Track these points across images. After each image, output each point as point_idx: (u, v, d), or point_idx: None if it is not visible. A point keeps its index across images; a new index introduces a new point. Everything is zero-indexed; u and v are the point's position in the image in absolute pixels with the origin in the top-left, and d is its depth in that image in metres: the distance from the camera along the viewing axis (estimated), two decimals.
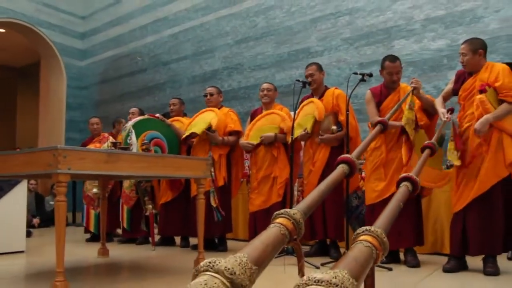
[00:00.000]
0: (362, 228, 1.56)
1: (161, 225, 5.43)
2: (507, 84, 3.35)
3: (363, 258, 1.41)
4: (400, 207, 1.87)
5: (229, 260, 1.31)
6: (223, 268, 1.27)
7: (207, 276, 1.26)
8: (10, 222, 4.82)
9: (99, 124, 6.20)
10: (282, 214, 1.65)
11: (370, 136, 2.65)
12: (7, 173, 3.11)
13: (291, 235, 1.62)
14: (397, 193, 2.01)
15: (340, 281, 1.18)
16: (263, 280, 3.05)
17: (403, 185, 2.08)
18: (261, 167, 4.70)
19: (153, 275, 3.51)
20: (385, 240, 1.53)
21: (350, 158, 2.21)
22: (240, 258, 1.34)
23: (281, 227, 1.59)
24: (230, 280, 1.25)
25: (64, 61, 10.30)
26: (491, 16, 5.18)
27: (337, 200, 4.25)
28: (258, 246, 1.46)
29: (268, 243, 1.50)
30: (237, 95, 7.52)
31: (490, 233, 3.31)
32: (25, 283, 3.26)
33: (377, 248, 1.48)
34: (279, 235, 1.56)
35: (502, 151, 3.32)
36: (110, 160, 2.99)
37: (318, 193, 1.91)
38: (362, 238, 1.51)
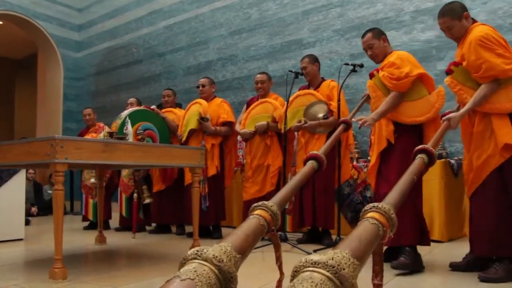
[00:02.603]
0: (370, 205, 1.53)
1: (155, 213, 5.44)
2: (473, 62, 2.71)
3: (368, 237, 1.39)
4: (414, 180, 1.84)
5: (216, 249, 1.32)
6: (211, 256, 1.28)
7: (195, 264, 1.27)
8: (9, 210, 4.82)
9: (91, 114, 6.18)
10: (260, 206, 1.67)
11: (335, 135, 2.72)
12: (6, 163, 3.10)
13: (269, 226, 1.63)
14: (411, 166, 1.93)
15: (337, 262, 1.18)
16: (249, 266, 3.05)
17: (419, 157, 2.00)
18: (255, 156, 4.72)
19: (149, 262, 3.51)
20: (393, 216, 1.50)
21: (318, 155, 2.24)
22: (225, 247, 1.36)
23: (260, 218, 1.61)
24: (218, 268, 1.27)
25: (61, 52, 10.25)
26: (478, 7, 5.17)
27: (327, 189, 4.26)
28: (240, 236, 1.48)
29: (249, 233, 1.52)
30: (231, 85, 7.51)
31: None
32: (24, 270, 3.26)
33: (384, 225, 1.46)
34: (258, 225, 1.58)
35: (492, 138, 2.71)
36: (107, 149, 2.98)
37: (291, 187, 1.94)
38: (369, 215, 1.49)
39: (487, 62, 2.64)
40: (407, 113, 3.14)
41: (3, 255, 3.93)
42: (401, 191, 1.72)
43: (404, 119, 3.13)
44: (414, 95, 3.15)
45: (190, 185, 4.00)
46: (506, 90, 2.69)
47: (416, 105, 3.13)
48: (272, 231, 1.66)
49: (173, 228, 5.58)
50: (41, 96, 10.93)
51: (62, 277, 2.82)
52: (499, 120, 2.70)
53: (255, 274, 2.95)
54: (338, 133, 2.77)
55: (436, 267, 3.13)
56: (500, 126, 2.68)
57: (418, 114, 3.12)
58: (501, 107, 2.69)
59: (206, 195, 4.73)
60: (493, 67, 2.63)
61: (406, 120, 3.13)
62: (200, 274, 1.23)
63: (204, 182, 4.71)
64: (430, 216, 4.47)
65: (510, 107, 2.68)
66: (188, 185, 4.77)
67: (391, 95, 3.12)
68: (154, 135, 4.84)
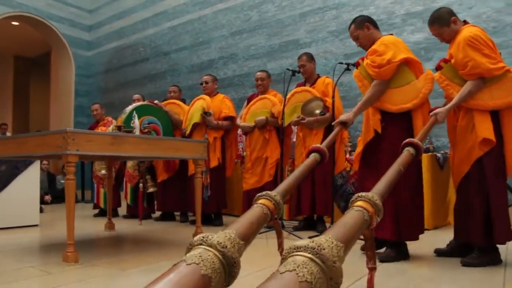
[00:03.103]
0: (356, 195, 1.56)
1: (159, 201, 5.46)
2: (460, 60, 2.70)
3: (351, 222, 1.41)
4: (401, 171, 1.86)
5: (220, 236, 1.32)
6: (216, 242, 1.29)
7: (201, 249, 1.28)
8: (25, 198, 4.83)
9: (98, 109, 6.17)
10: (264, 195, 1.68)
11: (334, 133, 2.74)
12: (21, 154, 3.10)
13: (272, 215, 1.64)
14: (399, 158, 1.98)
15: (317, 244, 1.19)
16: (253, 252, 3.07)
17: (406, 150, 2.05)
18: (255, 148, 4.73)
19: (155, 247, 3.53)
20: (377, 202, 1.52)
21: (321, 148, 2.25)
22: (229, 233, 1.36)
23: (264, 207, 1.62)
24: (222, 253, 1.27)
25: (73, 51, 10.24)
26: (464, 12, 5.17)
27: (327, 180, 4.27)
28: (244, 224, 1.48)
29: (252, 221, 1.52)
30: (232, 82, 7.51)
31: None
32: (40, 253, 3.27)
33: (369, 210, 1.48)
34: (262, 214, 1.59)
35: (474, 132, 2.70)
36: (115, 142, 2.99)
37: (294, 178, 1.95)
38: (354, 204, 1.52)
39: (473, 61, 2.64)
40: (393, 100, 2.88)
41: (20, 239, 3.94)
42: (389, 181, 1.74)
43: (390, 107, 2.88)
44: (400, 81, 2.89)
45: (193, 176, 4.01)
46: (490, 89, 2.69)
47: (403, 92, 2.87)
48: (275, 219, 1.67)
49: (177, 216, 5.59)
50: (54, 92, 10.92)
51: (74, 260, 2.84)
52: (480, 116, 2.69)
53: (257, 258, 2.96)
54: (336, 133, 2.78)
55: (422, 252, 3.14)
56: (480, 122, 2.68)
57: (404, 101, 2.85)
58: (484, 104, 2.68)
59: (208, 185, 4.74)
60: (478, 65, 2.63)
61: (392, 108, 2.87)
62: (205, 259, 1.23)
63: (207, 173, 4.72)
64: None
65: (492, 104, 2.67)
66: (191, 175, 4.78)
67: (373, 84, 2.90)
68: (157, 128, 4.84)
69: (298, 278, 1.08)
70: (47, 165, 9.18)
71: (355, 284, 2.23)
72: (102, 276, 2.49)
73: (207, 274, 1.20)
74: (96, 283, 2.32)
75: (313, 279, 1.10)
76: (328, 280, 1.15)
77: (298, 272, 1.10)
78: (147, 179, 5.41)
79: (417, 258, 2.93)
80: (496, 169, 2.68)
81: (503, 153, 2.71)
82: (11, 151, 3.19)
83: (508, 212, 2.71)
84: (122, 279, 2.43)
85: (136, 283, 2.29)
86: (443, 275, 2.46)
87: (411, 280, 2.32)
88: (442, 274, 2.47)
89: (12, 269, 2.69)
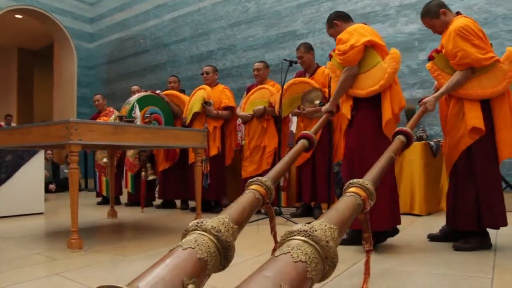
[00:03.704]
0: (347, 183, 1.58)
1: (161, 189, 5.47)
2: (450, 51, 2.66)
3: (344, 206, 1.43)
4: (393, 158, 1.87)
5: (214, 220, 1.33)
6: (210, 227, 1.30)
7: (196, 234, 1.28)
8: (30, 187, 4.83)
9: (100, 100, 6.15)
10: (255, 181, 1.68)
11: (321, 121, 2.75)
12: (26, 144, 3.09)
13: (264, 199, 1.65)
14: (391, 145, 1.99)
15: (310, 227, 1.21)
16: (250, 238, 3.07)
17: (397, 138, 2.06)
18: (253, 137, 4.72)
19: (156, 233, 3.54)
20: (368, 186, 1.53)
21: (309, 134, 2.25)
22: (223, 218, 1.37)
23: (255, 192, 1.63)
24: (216, 237, 1.28)
25: (75, 43, 10.19)
26: (456, 3, 5.14)
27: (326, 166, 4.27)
28: (237, 209, 1.49)
29: (245, 206, 1.53)
30: (231, 73, 7.48)
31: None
32: (45, 240, 3.28)
33: (361, 195, 1.50)
34: (253, 199, 1.60)
35: (464, 120, 2.69)
36: (117, 131, 2.98)
37: (284, 163, 1.96)
38: (347, 191, 1.54)
39: (462, 51, 2.62)
40: (362, 85, 2.77)
41: (26, 226, 3.95)
42: (380, 167, 1.75)
43: (359, 92, 2.77)
44: (368, 65, 2.78)
45: (193, 164, 4.01)
46: (479, 79, 2.67)
47: (370, 75, 2.75)
48: (267, 204, 1.68)
49: (177, 203, 5.60)
50: (57, 83, 10.89)
51: (78, 247, 2.85)
52: (470, 105, 2.68)
53: (253, 245, 2.97)
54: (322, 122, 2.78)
55: (416, 237, 3.15)
56: (470, 110, 2.67)
57: (371, 84, 2.72)
58: (473, 93, 2.67)
59: (208, 173, 4.75)
60: (468, 55, 2.61)
61: (362, 93, 2.76)
62: (200, 243, 1.24)
63: (207, 162, 4.72)
64: (411, 192, 4.50)
65: (481, 93, 2.66)
66: (191, 164, 4.78)
67: (343, 72, 2.81)
68: (159, 118, 4.85)
69: (292, 259, 1.10)
70: (51, 154, 9.18)
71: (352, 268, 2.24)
72: (105, 262, 2.50)
73: (203, 257, 1.21)
74: (99, 269, 2.33)
75: (307, 259, 1.11)
76: (323, 260, 1.16)
77: (292, 253, 1.11)
78: (147, 168, 5.41)
79: (410, 243, 2.95)
80: (486, 156, 2.68)
81: (494, 140, 2.70)
82: (16, 141, 3.19)
83: (501, 197, 2.71)
84: (125, 264, 2.44)
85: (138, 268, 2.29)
86: (435, 258, 2.47)
87: (404, 263, 2.33)
88: (435, 258, 2.48)
89: (19, 256, 2.70)
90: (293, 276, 1.05)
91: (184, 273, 1.13)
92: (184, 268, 1.14)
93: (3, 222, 4.09)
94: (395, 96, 2.73)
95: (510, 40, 4.83)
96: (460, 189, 2.74)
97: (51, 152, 9.16)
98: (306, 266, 1.09)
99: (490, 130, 2.67)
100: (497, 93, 2.65)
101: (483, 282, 1.95)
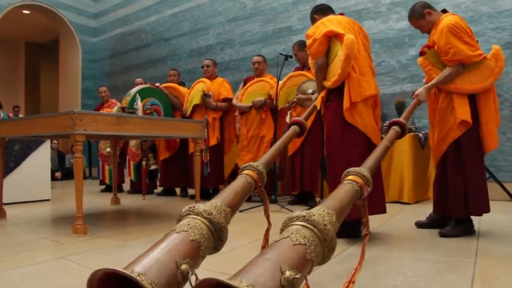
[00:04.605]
0: (345, 171, 1.58)
1: (162, 178, 5.47)
2: (443, 47, 2.65)
3: (342, 193, 1.43)
4: (388, 147, 1.88)
5: (206, 204, 1.35)
6: (202, 210, 1.31)
7: (189, 219, 1.29)
8: (37, 175, 4.83)
9: (106, 92, 6.15)
10: (247, 166, 1.69)
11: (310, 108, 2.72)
12: (33, 134, 3.08)
13: (256, 183, 1.65)
14: (387, 135, 2.00)
15: (308, 212, 1.21)
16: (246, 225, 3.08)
17: (392, 128, 2.08)
18: (251, 127, 4.71)
19: (157, 220, 3.55)
20: (365, 173, 1.54)
21: (300, 120, 2.25)
22: (215, 203, 1.38)
23: (247, 177, 1.63)
24: (208, 220, 1.29)
25: (80, 38, 10.13)
26: (444, 2, 5.13)
27: (315, 156, 4.27)
28: (230, 193, 1.50)
29: (237, 190, 1.54)
30: (229, 66, 7.45)
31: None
32: (52, 226, 3.28)
33: (358, 182, 1.50)
34: (246, 183, 1.60)
35: (453, 113, 2.70)
36: (119, 122, 2.97)
37: (275, 149, 1.96)
38: (345, 179, 1.54)
39: (454, 48, 2.62)
40: (328, 76, 2.71)
41: (34, 213, 3.95)
42: (377, 156, 1.75)
43: (327, 83, 2.71)
44: (331, 56, 2.68)
45: (193, 154, 4.01)
46: (468, 74, 2.68)
47: (334, 66, 2.65)
48: (259, 187, 1.68)
49: (178, 191, 5.61)
50: (63, 76, 10.84)
51: (83, 232, 2.86)
52: (459, 99, 2.69)
53: (248, 231, 2.99)
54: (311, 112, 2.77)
55: (404, 224, 3.18)
56: (459, 104, 2.68)
57: (334, 74, 2.63)
58: (463, 88, 2.68)
59: (207, 163, 4.75)
60: (459, 52, 2.62)
61: (328, 84, 2.69)
62: (193, 226, 1.25)
63: (206, 151, 4.72)
64: (400, 182, 4.52)
65: (470, 88, 2.67)
66: (191, 153, 4.78)
67: (314, 65, 2.74)
68: (159, 109, 4.83)
69: (292, 242, 1.11)
70: (57, 144, 9.17)
71: (340, 254, 2.25)
72: (109, 246, 2.51)
73: (196, 239, 1.22)
74: (103, 253, 2.34)
75: (306, 241, 1.12)
76: (322, 242, 1.17)
77: (292, 237, 1.13)
78: (149, 157, 5.42)
79: (399, 229, 2.97)
80: (472, 148, 2.70)
81: (480, 133, 2.72)
82: (23, 131, 3.18)
83: (486, 187, 2.73)
84: (127, 249, 2.45)
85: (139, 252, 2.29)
86: (422, 244, 2.49)
87: (392, 249, 2.35)
88: (422, 244, 2.50)
89: (27, 240, 2.71)
90: (293, 257, 1.06)
91: (178, 254, 1.14)
92: (178, 250, 1.16)
93: (12, 208, 4.09)
94: (352, 84, 2.59)
95: (494, 37, 4.83)
96: (447, 178, 2.75)
97: (57, 142, 9.14)
98: (305, 248, 1.11)
99: (476, 124, 2.69)
100: (484, 88, 2.67)
101: (467, 267, 1.97)
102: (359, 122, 2.57)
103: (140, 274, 1.02)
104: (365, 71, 2.67)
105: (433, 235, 2.73)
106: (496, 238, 2.65)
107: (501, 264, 2.04)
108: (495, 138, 2.71)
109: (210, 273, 1.74)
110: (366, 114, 2.61)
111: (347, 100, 2.58)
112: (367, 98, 2.63)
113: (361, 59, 2.67)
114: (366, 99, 2.63)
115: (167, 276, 1.07)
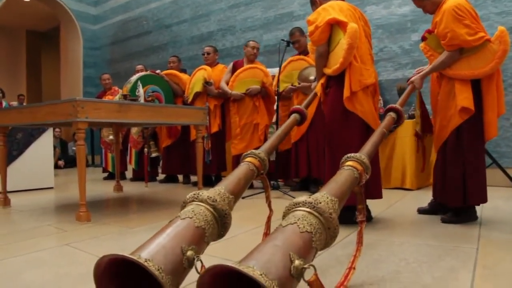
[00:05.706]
0: (345, 156, 1.58)
1: (164, 165, 5.47)
2: (441, 31, 2.59)
3: (342, 179, 1.45)
4: (384, 133, 1.88)
5: (210, 191, 1.35)
6: (206, 197, 1.31)
7: (193, 205, 1.30)
8: (41, 163, 4.84)
9: (109, 79, 6.13)
10: (249, 154, 1.70)
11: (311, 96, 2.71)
12: (35, 122, 3.08)
13: (259, 170, 1.66)
14: (383, 122, 2.00)
15: (314, 199, 1.23)
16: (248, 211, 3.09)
17: (388, 115, 2.08)
18: (243, 115, 4.65)
19: (159, 206, 3.56)
20: (363, 160, 1.55)
21: (301, 108, 2.24)
22: (219, 189, 1.39)
23: (250, 164, 1.64)
24: (212, 206, 1.30)
25: (80, 25, 10.07)
26: None
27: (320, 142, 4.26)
28: (233, 180, 1.51)
29: (240, 177, 1.55)
30: (230, 53, 7.41)
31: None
32: (55, 213, 3.30)
33: (357, 168, 1.51)
34: (248, 170, 1.61)
35: (454, 100, 2.64)
36: (121, 109, 2.96)
37: (277, 137, 1.96)
38: (345, 164, 1.55)
39: (452, 32, 2.56)
40: (329, 63, 2.67)
41: (37, 200, 3.97)
42: (374, 142, 1.76)
43: (327, 71, 2.68)
44: (333, 43, 2.64)
45: (195, 141, 4.01)
46: (468, 59, 2.61)
47: (336, 53, 2.61)
48: (261, 175, 1.69)
49: (180, 178, 5.62)
50: (64, 64, 10.83)
51: (87, 219, 2.87)
52: (460, 85, 2.61)
53: (250, 217, 2.99)
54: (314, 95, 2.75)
55: (406, 211, 3.18)
56: (461, 91, 2.60)
57: (335, 62, 2.59)
58: (461, 73, 2.61)
59: (209, 150, 4.75)
60: (457, 36, 2.55)
61: (329, 71, 2.66)
62: (197, 213, 1.25)
63: (208, 138, 4.72)
64: (403, 168, 4.52)
65: (469, 74, 2.60)
66: (193, 140, 4.77)
67: (315, 53, 2.71)
68: (160, 96, 4.82)
69: (299, 229, 1.12)
70: (59, 132, 9.17)
71: (345, 239, 2.26)
72: (112, 233, 2.52)
73: (200, 226, 1.23)
74: (106, 240, 2.35)
75: (312, 229, 1.14)
76: (326, 230, 1.19)
77: (299, 224, 1.14)
78: (151, 145, 5.42)
79: (400, 216, 2.97)
80: (474, 136, 2.63)
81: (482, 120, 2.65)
82: (26, 119, 3.18)
83: (484, 177, 2.68)
84: (130, 236, 2.46)
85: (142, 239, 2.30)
86: (424, 230, 2.49)
87: (394, 234, 2.35)
88: (424, 230, 2.50)
89: (32, 227, 2.73)
90: (300, 245, 1.08)
91: (183, 240, 1.15)
92: (183, 236, 1.17)
93: (16, 196, 4.11)
94: (353, 73, 2.57)
95: (498, 22, 4.77)
96: (447, 166, 2.71)
97: (59, 130, 9.15)
98: (311, 236, 1.12)
99: (478, 111, 2.61)
100: (485, 74, 2.58)
101: (468, 252, 1.98)
102: (359, 110, 2.55)
103: (147, 260, 1.03)
104: (365, 59, 2.65)
105: (435, 221, 2.73)
106: (498, 224, 2.64)
107: (503, 250, 2.04)
108: (494, 127, 2.63)
109: (214, 259, 1.75)
110: (365, 101, 2.59)
111: (347, 89, 2.56)
112: (367, 86, 2.62)
113: (362, 47, 2.65)
114: (366, 87, 2.61)
115: (173, 262, 1.09)
